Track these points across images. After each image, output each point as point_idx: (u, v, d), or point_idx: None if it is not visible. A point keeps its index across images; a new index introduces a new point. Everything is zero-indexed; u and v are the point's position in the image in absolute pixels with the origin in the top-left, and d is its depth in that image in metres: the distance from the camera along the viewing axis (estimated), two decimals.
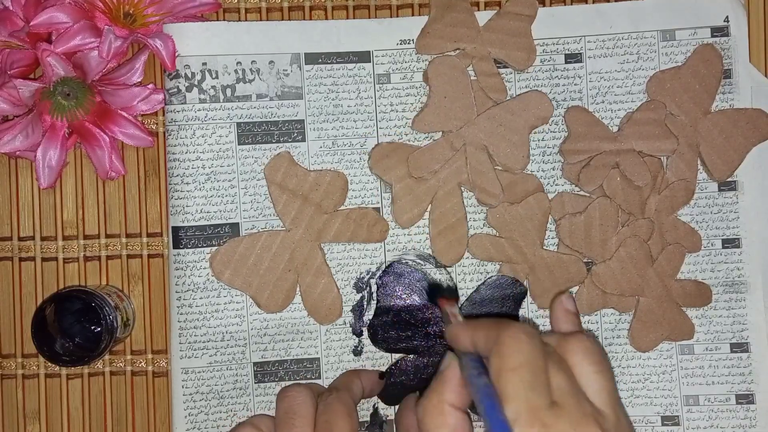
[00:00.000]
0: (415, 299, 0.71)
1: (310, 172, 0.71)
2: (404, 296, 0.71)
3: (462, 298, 0.71)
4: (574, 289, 0.71)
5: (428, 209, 0.71)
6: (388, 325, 0.71)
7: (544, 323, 0.72)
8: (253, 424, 0.60)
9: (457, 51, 0.71)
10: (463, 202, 0.71)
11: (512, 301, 0.71)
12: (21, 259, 0.72)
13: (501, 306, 0.71)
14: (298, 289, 0.71)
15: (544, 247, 0.71)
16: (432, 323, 0.71)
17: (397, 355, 0.72)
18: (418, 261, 0.71)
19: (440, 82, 0.70)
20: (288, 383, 0.70)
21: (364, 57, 0.72)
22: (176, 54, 0.69)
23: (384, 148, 0.71)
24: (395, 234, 0.71)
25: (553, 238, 0.72)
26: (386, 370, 0.71)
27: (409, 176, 0.70)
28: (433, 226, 0.71)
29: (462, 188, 0.71)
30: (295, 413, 0.59)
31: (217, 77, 0.71)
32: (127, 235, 0.72)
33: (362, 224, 0.71)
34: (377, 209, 0.71)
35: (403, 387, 0.71)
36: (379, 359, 0.71)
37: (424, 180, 0.70)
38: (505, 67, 0.72)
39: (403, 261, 0.71)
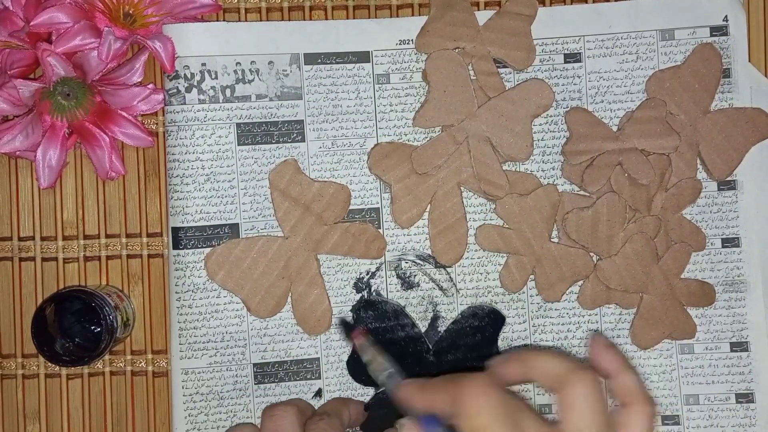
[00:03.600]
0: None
1: (314, 182, 0.71)
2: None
3: (464, 298, 0.71)
4: (579, 283, 0.72)
5: (428, 209, 0.71)
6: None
7: (544, 320, 0.72)
8: None
9: (457, 50, 0.71)
10: (462, 202, 0.71)
11: (490, 329, 0.71)
12: (21, 259, 0.72)
13: (479, 335, 0.71)
14: (289, 297, 0.71)
15: (552, 240, 0.71)
16: (411, 351, 0.71)
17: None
18: (418, 261, 0.71)
19: (439, 77, 0.70)
20: (288, 384, 0.70)
21: (363, 57, 0.72)
22: (176, 56, 0.69)
23: (383, 148, 0.71)
24: (395, 234, 0.72)
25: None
26: (368, 403, 0.71)
27: (409, 176, 0.70)
28: (433, 226, 0.71)
29: (461, 188, 0.71)
30: None
31: (216, 78, 0.71)
32: (127, 235, 0.72)
33: (360, 239, 0.71)
34: (377, 209, 0.72)
35: (383, 419, 0.70)
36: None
37: (423, 180, 0.70)
38: (504, 66, 0.72)
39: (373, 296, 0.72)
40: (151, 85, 0.70)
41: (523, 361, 0.50)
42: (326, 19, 0.73)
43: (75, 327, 0.68)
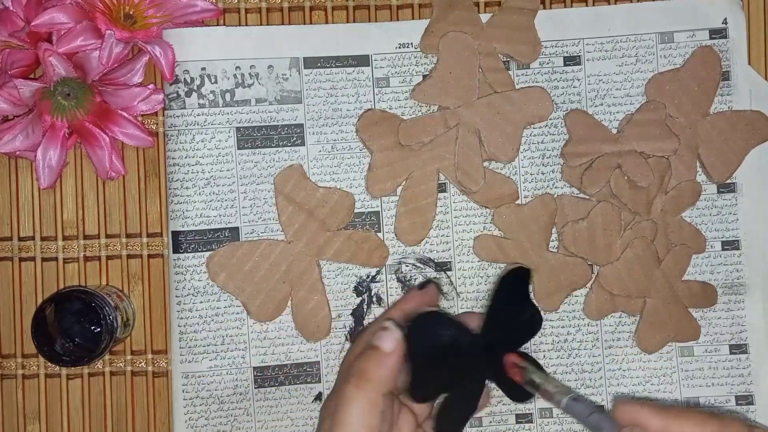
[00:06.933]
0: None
1: (319, 188, 0.71)
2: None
3: (464, 302, 0.71)
4: (580, 292, 0.72)
5: (402, 186, 0.71)
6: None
7: (544, 324, 0.71)
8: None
9: None
10: (436, 187, 0.71)
11: (522, 288, 0.64)
12: (21, 259, 0.72)
13: (517, 300, 0.64)
14: (289, 301, 0.71)
15: (549, 249, 0.71)
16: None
17: None
18: (418, 265, 0.71)
19: (449, 57, 0.70)
20: (288, 388, 0.70)
21: (363, 61, 0.72)
22: (176, 63, 0.69)
23: (375, 114, 0.71)
24: (395, 238, 0.72)
25: (555, 241, 0.72)
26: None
27: (392, 148, 0.70)
28: (402, 202, 0.71)
29: (440, 174, 0.71)
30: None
31: (216, 82, 0.71)
32: (127, 236, 0.72)
33: (363, 247, 0.71)
34: (377, 213, 0.71)
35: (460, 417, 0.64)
36: None
37: (405, 155, 0.70)
38: (507, 63, 0.72)
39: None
40: (151, 86, 0.70)
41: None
42: (326, 19, 0.73)
43: (75, 327, 0.68)
